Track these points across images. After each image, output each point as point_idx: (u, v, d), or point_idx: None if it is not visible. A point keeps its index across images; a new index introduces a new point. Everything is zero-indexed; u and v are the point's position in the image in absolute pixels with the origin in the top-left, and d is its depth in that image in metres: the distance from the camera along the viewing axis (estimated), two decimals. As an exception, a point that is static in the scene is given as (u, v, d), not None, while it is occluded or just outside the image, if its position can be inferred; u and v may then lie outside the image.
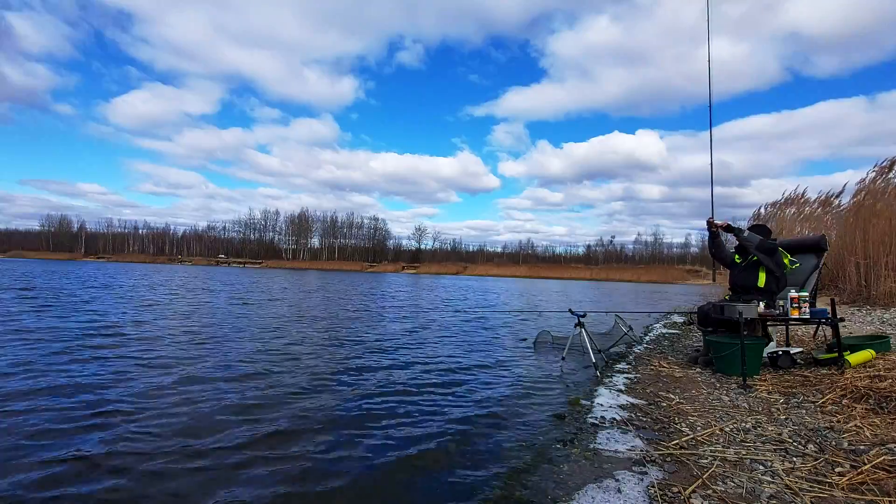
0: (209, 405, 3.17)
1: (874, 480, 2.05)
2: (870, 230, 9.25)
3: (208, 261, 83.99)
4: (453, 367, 4.68)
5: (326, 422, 2.96)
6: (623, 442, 2.61)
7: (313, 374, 4.17)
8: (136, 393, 3.40)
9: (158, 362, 4.41)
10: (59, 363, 4.21)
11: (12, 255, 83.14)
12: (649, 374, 4.39)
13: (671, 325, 8.88)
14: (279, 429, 2.79)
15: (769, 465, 2.26)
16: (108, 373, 3.92)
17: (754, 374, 4.04)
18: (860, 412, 2.95)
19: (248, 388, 3.63)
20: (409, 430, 2.86)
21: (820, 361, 4.25)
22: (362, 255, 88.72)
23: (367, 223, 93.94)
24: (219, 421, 2.89)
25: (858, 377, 3.48)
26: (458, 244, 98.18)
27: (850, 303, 9.21)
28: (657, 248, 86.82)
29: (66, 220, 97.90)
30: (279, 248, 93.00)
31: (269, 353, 5.09)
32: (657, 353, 5.57)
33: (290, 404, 3.27)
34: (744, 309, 4.05)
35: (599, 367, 4.54)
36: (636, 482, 2.10)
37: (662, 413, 3.13)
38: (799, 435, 2.64)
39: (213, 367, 4.26)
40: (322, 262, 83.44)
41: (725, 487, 2.03)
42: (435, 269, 79.13)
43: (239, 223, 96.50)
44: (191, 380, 3.81)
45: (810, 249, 4.87)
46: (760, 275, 4.50)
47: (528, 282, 47.02)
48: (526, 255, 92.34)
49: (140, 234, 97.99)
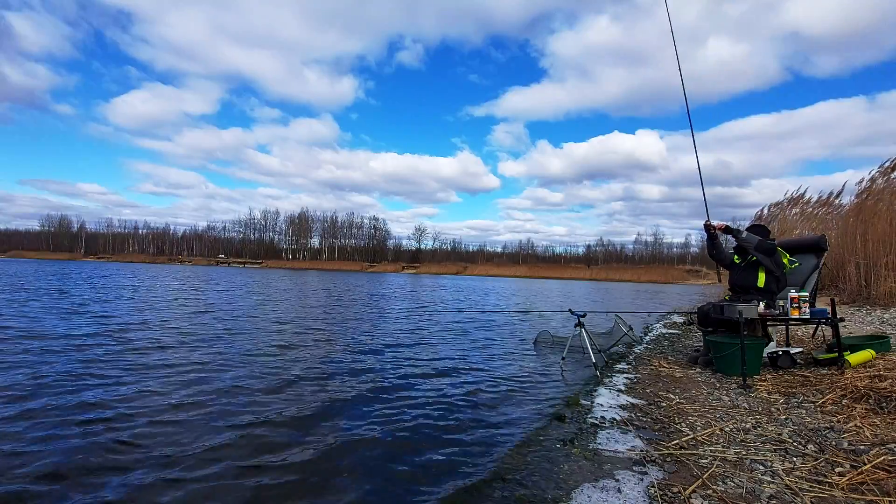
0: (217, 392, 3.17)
1: (874, 480, 2.05)
2: (870, 230, 9.25)
3: (208, 261, 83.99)
4: (453, 367, 4.68)
5: (325, 422, 2.96)
6: (623, 442, 2.61)
7: (312, 373, 4.17)
8: (124, 400, 3.40)
9: (185, 366, 4.41)
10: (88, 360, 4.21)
11: (12, 255, 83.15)
12: (649, 374, 4.39)
13: (671, 325, 8.88)
14: (271, 427, 2.80)
15: (769, 465, 2.26)
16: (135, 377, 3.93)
17: (754, 374, 4.04)
18: (860, 412, 2.95)
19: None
20: (409, 429, 2.86)
21: (820, 361, 4.25)
22: (362, 255, 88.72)
23: (367, 223, 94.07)
24: (242, 407, 2.89)
25: (858, 377, 3.48)
26: (458, 244, 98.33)
27: (850, 303, 9.21)
28: (657, 248, 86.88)
29: (66, 220, 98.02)
30: (279, 248, 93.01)
31: (268, 351, 5.09)
32: (657, 353, 5.57)
33: (290, 404, 3.27)
34: (744, 309, 4.05)
35: (599, 367, 4.54)
36: (636, 482, 2.10)
37: (662, 413, 3.13)
38: (799, 435, 2.64)
39: (222, 363, 4.27)
40: (322, 262, 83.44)
41: (725, 487, 2.03)
42: (435, 269, 79.13)
43: (239, 223, 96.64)
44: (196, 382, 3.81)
45: (810, 249, 4.87)
46: (760, 275, 4.50)
47: (528, 282, 47.02)
48: (526, 255, 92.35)
49: (140, 234, 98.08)
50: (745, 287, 4.58)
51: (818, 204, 12.32)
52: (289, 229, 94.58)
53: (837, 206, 11.71)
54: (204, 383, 3.73)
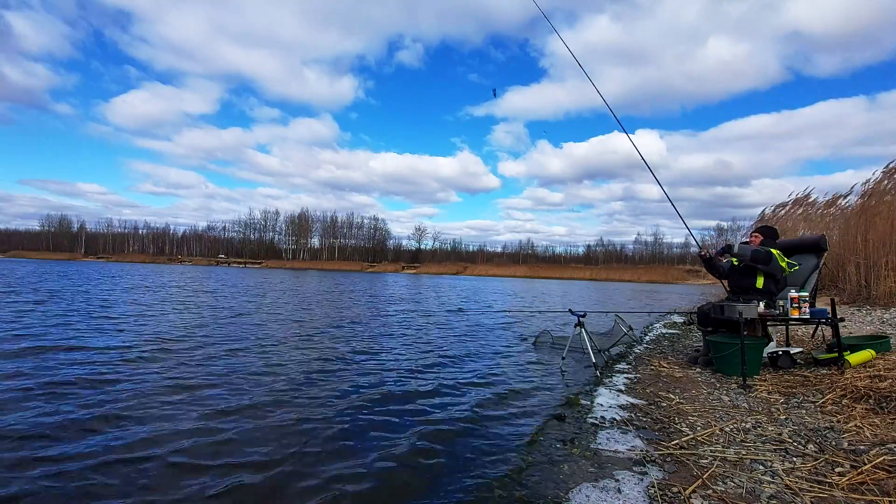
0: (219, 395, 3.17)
1: (874, 480, 2.05)
2: (871, 230, 9.25)
3: (208, 261, 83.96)
4: (452, 367, 4.68)
5: (324, 422, 2.96)
6: (623, 442, 2.61)
7: (311, 373, 4.17)
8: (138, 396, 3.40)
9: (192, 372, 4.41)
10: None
11: (12, 255, 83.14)
12: (649, 374, 4.39)
13: (671, 325, 8.88)
14: (273, 423, 2.80)
15: (769, 465, 2.26)
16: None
17: (754, 374, 4.04)
18: (860, 412, 2.95)
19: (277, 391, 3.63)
20: (408, 429, 2.86)
21: (820, 361, 4.25)
22: (362, 255, 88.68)
23: (367, 223, 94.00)
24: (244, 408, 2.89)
25: (858, 377, 3.48)
26: (458, 244, 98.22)
27: (850, 303, 9.21)
28: (657, 248, 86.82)
29: (66, 220, 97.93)
30: (279, 248, 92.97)
31: (269, 351, 5.09)
32: (657, 353, 5.57)
33: (288, 402, 3.27)
34: (744, 309, 4.05)
35: (599, 367, 4.54)
36: (636, 482, 2.10)
37: (662, 413, 3.13)
38: (799, 435, 2.64)
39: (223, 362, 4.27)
40: (322, 262, 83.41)
41: (725, 487, 2.03)
42: (435, 269, 79.10)
43: (239, 223, 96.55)
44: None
45: (810, 249, 4.87)
46: (759, 278, 4.50)
47: (528, 282, 47.01)
48: (526, 255, 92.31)
49: (140, 234, 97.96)
50: (745, 289, 4.58)
51: (826, 205, 12.27)
52: (289, 229, 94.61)
53: (844, 207, 11.67)
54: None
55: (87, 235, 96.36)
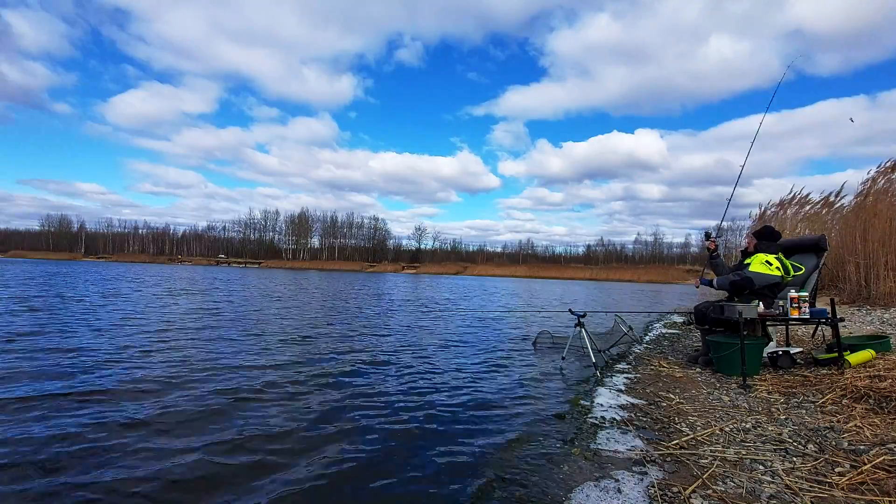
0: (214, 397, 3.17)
1: (874, 480, 2.05)
2: (870, 230, 9.25)
3: (208, 261, 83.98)
4: (452, 367, 4.68)
5: (323, 422, 2.96)
6: (623, 442, 2.61)
7: (310, 372, 4.17)
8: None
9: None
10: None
11: (12, 255, 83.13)
12: (649, 374, 4.39)
13: (671, 325, 8.88)
14: (264, 438, 2.80)
15: (769, 465, 2.26)
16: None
17: (754, 374, 4.04)
18: (860, 412, 2.95)
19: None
20: (408, 429, 2.86)
21: (820, 361, 4.25)
22: (362, 255, 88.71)
23: (366, 223, 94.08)
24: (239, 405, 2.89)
25: (858, 377, 3.48)
26: (458, 244, 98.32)
27: (850, 303, 9.21)
28: (657, 248, 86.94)
29: (65, 219, 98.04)
30: (279, 248, 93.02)
31: (269, 351, 5.09)
32: (657, 353, 5.57)
33: (287, 403, 3.27)
34: (744, 309, 4.05)
35: (599, 366, 4.54)
36: (636, 482, 2.10)
37: (662, 413, 3.13)
38: (799, 435, 2.64)
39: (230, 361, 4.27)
40: (322, 262, 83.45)
41: (725, 487, 2.03)
42: (435, 269, 79.13)
43: (239, 223, 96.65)
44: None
45: (810, 249, 4.87)
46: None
47: (528, 282, 47.02)
48: (526, 255, 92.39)
49: (140, 233, 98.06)
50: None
51: (821, 204, 12.29)
52: (289, 229, 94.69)
53: (839, 206, 11.69)
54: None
55: (87, 235, 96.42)
